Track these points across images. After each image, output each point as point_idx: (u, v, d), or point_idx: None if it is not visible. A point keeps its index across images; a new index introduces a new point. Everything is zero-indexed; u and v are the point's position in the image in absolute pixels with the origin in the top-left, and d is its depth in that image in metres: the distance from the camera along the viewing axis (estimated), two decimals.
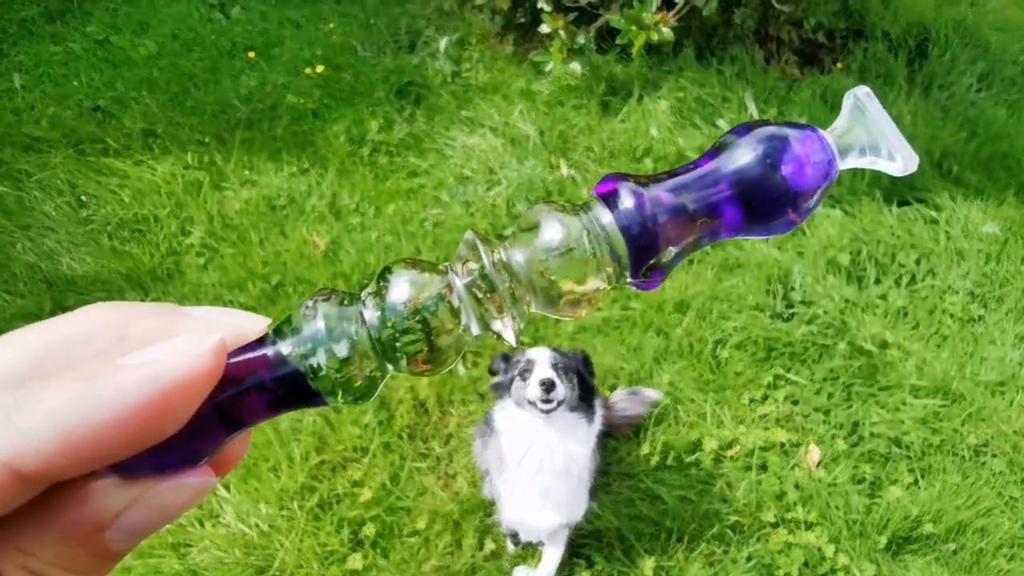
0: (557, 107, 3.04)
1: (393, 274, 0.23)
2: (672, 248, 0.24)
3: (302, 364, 0.22)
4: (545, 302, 0.24)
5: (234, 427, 0.22)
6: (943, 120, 3.23)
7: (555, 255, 0.23)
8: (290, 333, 0.22)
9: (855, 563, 2.01)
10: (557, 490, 1.65)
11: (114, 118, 2.88)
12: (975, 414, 2.31)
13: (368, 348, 0.22)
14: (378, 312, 0.22)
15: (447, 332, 0.23)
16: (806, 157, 0.24)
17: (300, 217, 2.65)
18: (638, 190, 0.24)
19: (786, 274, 2.58)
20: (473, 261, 0.24)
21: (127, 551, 0.20)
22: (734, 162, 0.24)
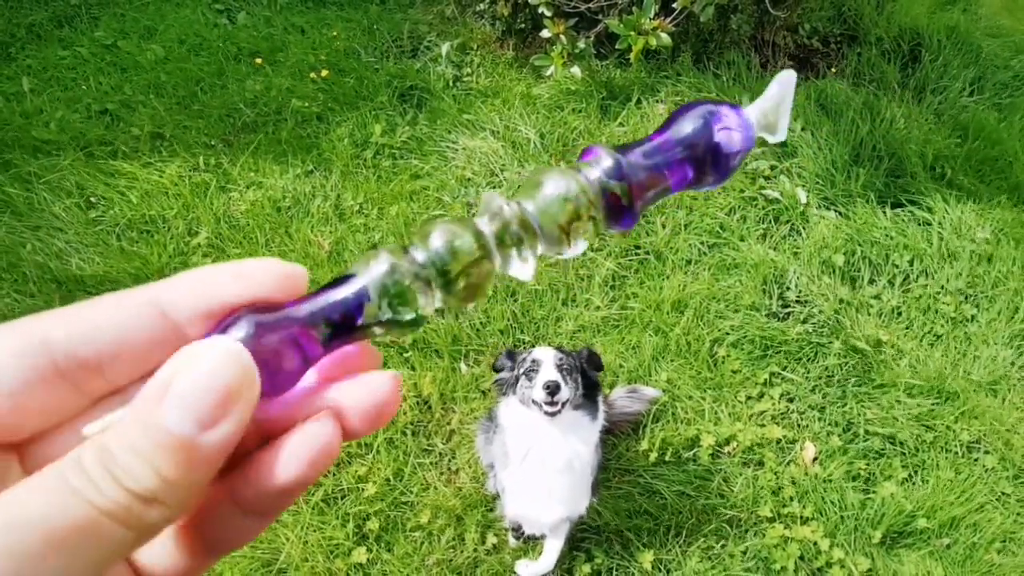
0: (557, 111, 3.09)
1: (434, 227, 0.29)
2: (643, 196, 0.31)
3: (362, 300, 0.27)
4: (551, 242, 0.30)
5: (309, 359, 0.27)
6: (936, 124, 3.29)
7: (557, 202, 0.30)
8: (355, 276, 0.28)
9: (850, 557, 2.05)
10: (560, 485, 1.68)
11: (122, 121, 2.93)
12: (968, 412, 2.36)
13: (418, 285, 0.28)
14: (425, 256, 0.28)
15: (479, 271, 0.29)
16: (734, 127, 0.31)
17: (305, 218, 2.69)
18: (615, 154, 0.30)
19: (782, 274, 2.63)
20: (494, 213, 0.30)
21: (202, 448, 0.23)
22: (683, 131, 0.31)
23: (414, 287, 0.27)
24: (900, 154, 2.97)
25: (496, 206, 0.30)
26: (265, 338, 0.25)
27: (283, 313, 0.26)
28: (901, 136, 3.03)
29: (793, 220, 2.79)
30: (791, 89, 0.32)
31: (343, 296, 0.27)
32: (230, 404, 0.23)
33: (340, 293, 0.27)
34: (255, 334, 0.25)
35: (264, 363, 0.25)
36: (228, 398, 0.23)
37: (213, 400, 0.23)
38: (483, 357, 2.37)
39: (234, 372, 0.24)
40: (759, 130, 0.32)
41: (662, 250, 2.66)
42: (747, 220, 2.78)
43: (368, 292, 0.27)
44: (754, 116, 0.32)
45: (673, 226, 2.71)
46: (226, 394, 0.23)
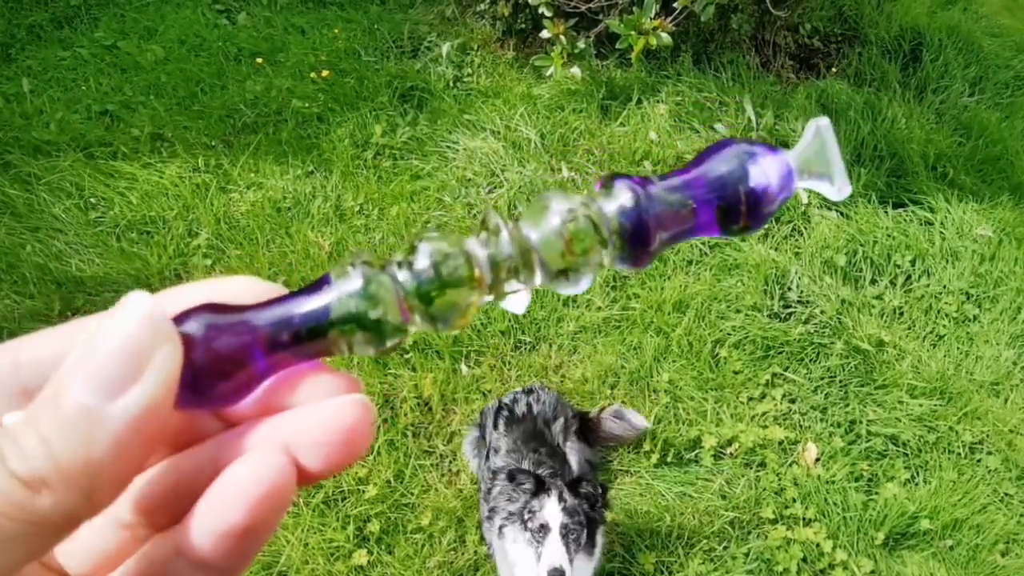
0: (557, 111, 3.09)
1: (421, 242, 0.26)
2: (659, 236, 0.28)
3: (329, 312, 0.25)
4: (550, 275, 0.28)
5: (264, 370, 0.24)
6: (937, 124, 3.28)
7: (561, 235, 0.27)
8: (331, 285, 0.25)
9: (853, 559, 2.05)
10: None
11: (122, 122, 2.93)
12: (970, 412, 2.35)
13: (395, 305, 0.25)
14: (407, 274, 0.25)
15: (465, 298, 0.26)
16: (771, 174, 0.28)
17: (305, 219, 2.69)
18: (634, 186, 0.28)
19: (783, 275, 2.62)
20: (492, 235, 0.27)
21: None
22: (713, 171, 0.28)
23: (388, 305, 0.25)
24: (901, 154, 2.96)
25: (494, 227, 0.27)
26: (217, 341, 0.23)
27: (241, 316, 0.24)
28: (902, 136, 3.03)
29: (794, 220, 2.79)
30: (831, 135, 0.29)
31: (311, 307, 0.24)
32: (139, 367, 0.20)
33: (308, 303, 0.24)
34: (205, 336, 0.23)
35: (214, 369, 0.23)
36: (136, 360, 0.20)
37: (118, 363, 0.20)
38: (484, 358, 2.36)
39: (143, 331, 0.21)
40: (803, 176, 0.29)
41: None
42: None
43: (337, 305, 0.24)
44: (795, 162, 0.29)
45: None
46: (133, 355, 0.20)
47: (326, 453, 0.23)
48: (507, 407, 2.04)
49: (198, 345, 0.23)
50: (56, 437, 0.19)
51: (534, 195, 2.72)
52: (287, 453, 0.22)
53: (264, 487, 0.21)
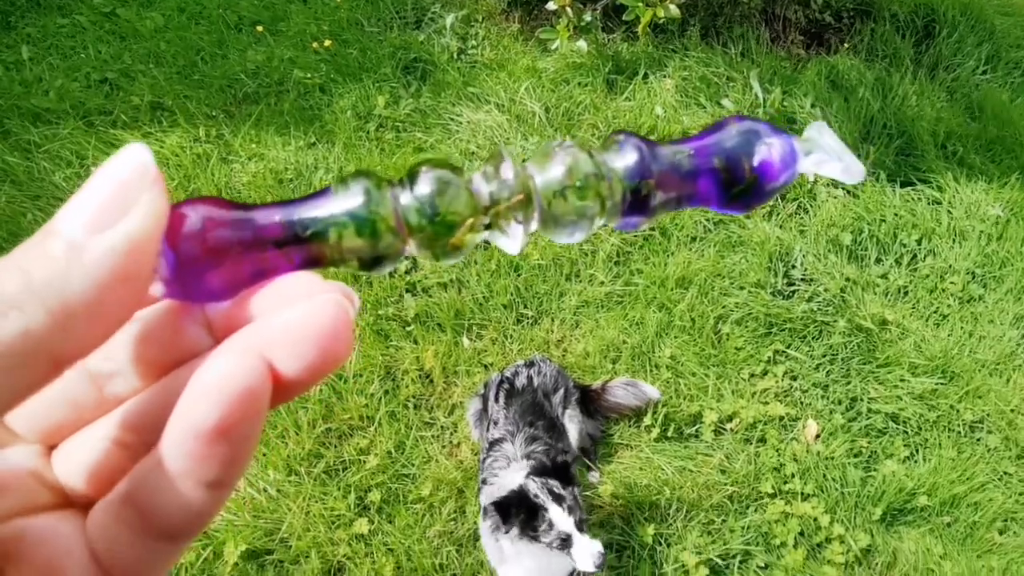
0: (563, 84, 3.04)
1: (425, 168, 0.26)
2: (658, 196, 0.28)
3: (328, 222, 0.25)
4: (547, 224, 0.28)
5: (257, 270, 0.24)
6: (948, 102, 3.24)
7: (564, 183, 0.27)
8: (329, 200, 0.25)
9: (850, 533, 2.06)
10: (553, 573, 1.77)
11: (122, 90, 2.89)
12: (972, 392, 2.35)
13: (393, 225, 0.25)
14: (408, 197, 0.25)
15: (463, 230, 0.26)
16: (778, 153, 0.28)
17: (307, 191, 2.66)
18: (641, 145, 0.28)
19: (787, 252, 2.60)
20: (496, 171, 0.27)
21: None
22: (721, 143, 0.28)
23: (387, 224, 0.25)
24: (911, 132, 2.92)
25: (501, 166, 0.27)
26: (212, 232, 0.23)
27: (240, 213, 0.24)
28: (912, 113, 2.99)
29: (800, 198, 2.76)
30: (828, 131, 0.30)
31: (308, 214, 0.24)
32: (125, 206, 0.20)
33: (306, 210, 0.24)
34: (202, 226, 0.23)
35: (206, 260, 0.23)
36: (123, 200, 0.20)
37: (106, 201, 0.20)
38: (486, 332, 2.36)
39: (133, 175, 0.21)
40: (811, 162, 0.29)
41: (667, 226, 2.63)
42: None
43: (336, 216, 0.24)
44: (800, 144, 0.29)
45: None
46: (121, 196, 0.21)
47: (299, 355, 0.22)
48: (508, 380, 2.04)
49: (193, 235, 0.23)
50: (36, 266, 0.19)
51: None
52: (260, 354, 0.21)
53: (232, 385, 0.20)
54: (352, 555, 1.95)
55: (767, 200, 0.29)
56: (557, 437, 1.92)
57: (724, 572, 1.98)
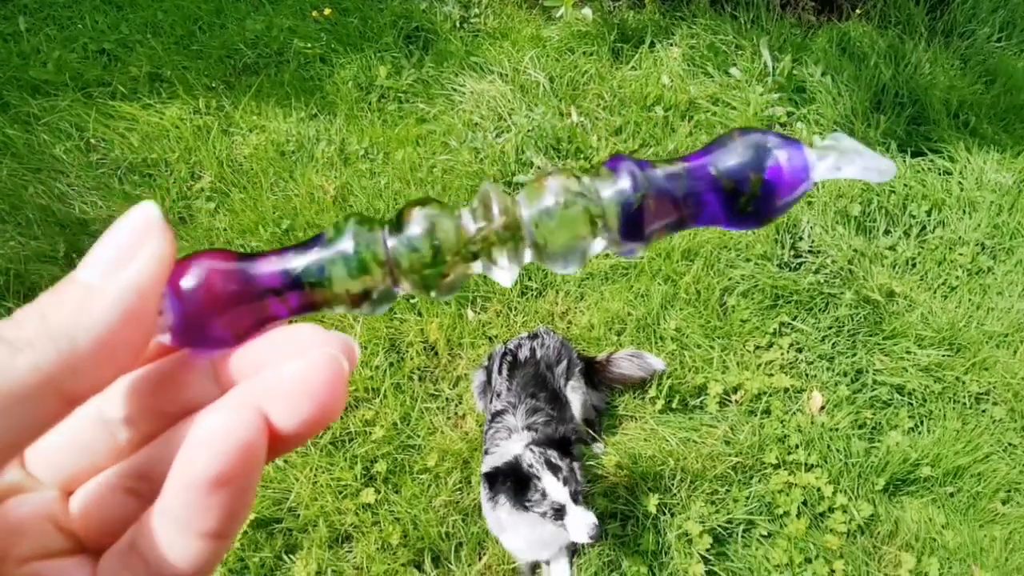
0: (567, 54, 2.99)
1: (414, 211, 0.26)
2: (655, 223, 0.27)
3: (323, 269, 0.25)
4: (540, 255, 0.27)
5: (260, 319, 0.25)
6: (962, 70, 3.17)
7: (554, 215, 0.26)
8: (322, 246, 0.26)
9: (853, 503, 2.07)
10: (556, 540, 1.79)
11: (120, 61, 2.86)
12: (979, 363, 2.34)
13: (384, 267, 0.26)
14: (396, 240, 0.26)
15: (453, 267, 0.26)
16: (787, 166, 0.27)
17: (309, 163, 2.64)
18: (635, 170, 0.27)
19: (794, 224, 2.58)
20: (485, 209, 0.27)
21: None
22: (723, 161, 0.27)
23: (377, 268, 0.26)
24: (923, 100, 2.87)
25: (489, 201, 0.27)
26: (216, 284, 0.24)
27: (239, 264, 0.25)
28: (925, 82, 2.92)
29: None
30: (846, 137, 0.28)
31: (303, 262, 0.25)
32: (132, 254, 0.22)
33: (302, 258, 0.25)
34: (206, 278, 0.24)
35: (210, 310, 0.24)
36: (130, 249, 0.23)
37: (115, 249, 0.23)
38: (490, 304, 2.35)
39: (140, 227, 0.23)
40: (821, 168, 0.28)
41: None
42: None
43: (330, 262, 0.25)
44: (813, 155, 0.27)
45: None
46: (128, 245, 0.23)
47: (295, 410, 0.23)
48: (511, 352, 2.04)
49: (198, 286, 0.24)
50: (52, 310, 0.21)
51: (541, 140, 2.67)
52: (257, 408, 0.22)
53: (229, 438, 0.21)
54: (359, 524, 1.97)
55: (781, 214, 0.28)
56: (560, 409, 1.93)
57: (727, 541, 2.00)
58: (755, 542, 2.00)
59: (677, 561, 1.94)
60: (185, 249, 2.40)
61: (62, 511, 0.25)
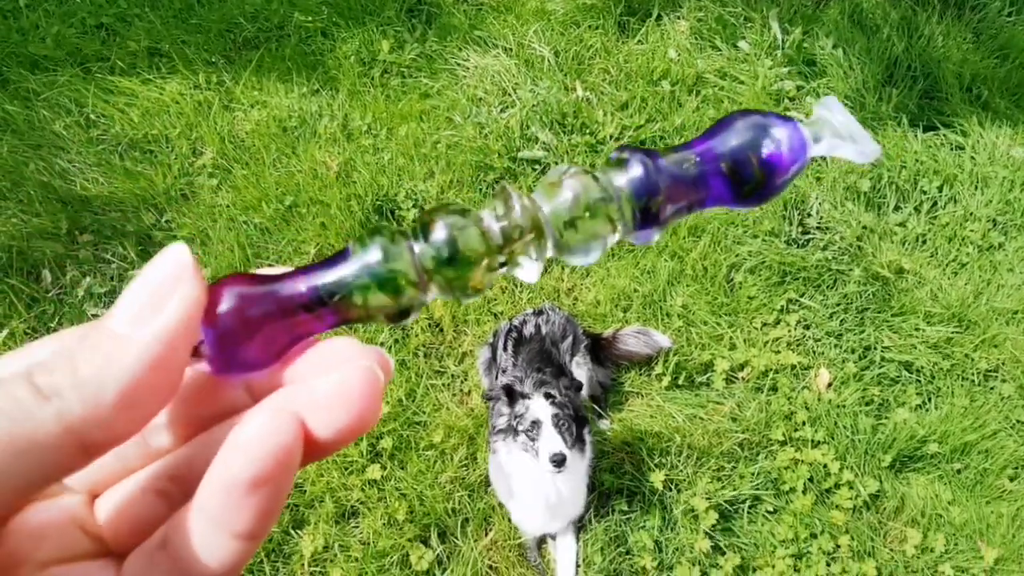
0: (573, 27, 2.93)
1: (437, 215, 0.27)
2: (668, 209, 0.29)
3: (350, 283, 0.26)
4: (561, 248, 0.28)
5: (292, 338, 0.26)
6: (974, 43, 3.10)
7: (572, 209, 0.28)
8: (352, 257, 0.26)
9: (859, 479, 2.07)
10: (562, 509, 1.82)
11: (118, 36, 2.81)
12: (988, 340, 2.32)
13: (413, 277, 0.26)
14: (423, 247, 0.26)
15: (479, 269, 0.27)
16: (785, 144, 0.28)
17: (312, 139, 2.61)
18: (645, 160, 0.28)
19: (803, 200, 2.54)
20: (505, 208, 0.28)
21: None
22: (726, 144, 0.28)
23: (407, 276, 0.26)
24: (936, 74, 2.81)
25: (508, 200, 0.28)
26: (249, 309, 0.24)
27: (270, 287, 0.25)
28: (938, 55, 2.87)
29: None
30: (839, 107, 0.30)
31: (331, 278, 0.26)
32: (162, 303, 0.22)
33: (329, 274, 0.26)
34: (239, 304, 0.24)
35: (245, 335, 0.24)
36: (160, 297, 0.22)
37: (145, 298, 0.22)
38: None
39: (171, 274, 0.23)
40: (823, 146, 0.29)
41: None
42: None
43: (358, 275, 0.26)
44: (809, 134, 0.29)
45: None
46: (158, 294, 0.22)
47: (332, 419, 0.23)
48: (516, 328, 2.03)
49: (230, 312, 0.24)
50: (82, 358, 0.21)
51: (546, 115, 2.63)
52: (296, 415, 0.23)
53: (268, 442, 0.22)
54: (365, 500, 1.97)
55: (782, 191, 0.29)
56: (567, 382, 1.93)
57: (733, 517, 2.00)
58: (761, 518, 2.00)
59: (683, 536, 1.94)
60: (188, 226, 2.38)
61: (87, 514, 0.25)
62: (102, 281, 2.28)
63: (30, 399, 0.20)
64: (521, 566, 1.93)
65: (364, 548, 1.91)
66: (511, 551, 1.95)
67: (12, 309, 2.18)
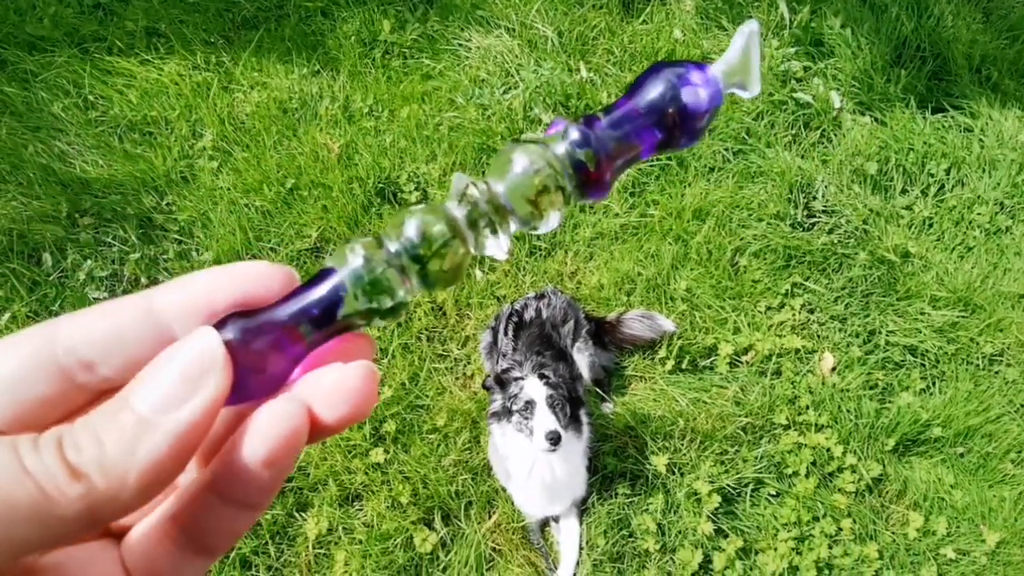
0: (576, 7, 2.89)
1: (406, 216, 0.29)
2: (611, 168, 0.31)
3: (340, 294, 0.27)
4: (524, 219, 0.30)
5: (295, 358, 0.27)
6: (984, 24, 3.05)
7: (526, 180, 0.29)
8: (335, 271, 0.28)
9: (862, 463, 2.07)
10: (561, 490, 1.82)
11: (115, 15, 2.77)
12: (993, 324, 2.31)
13: (393, 274, 0.28)
14: (398, 245, 0.28)
15: (453, 254, 0.29)
16: (700, 85, 0.31)
17: (313, 120, 2.58)
18: (582, 127, 0.30)
19: (809, 183, 2.52)
20: (464, 196, 0.30)
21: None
22: (648, 96, 0.30)
23: (389, 276, 0.28)
24: (945, 55, 2.77)
25: (464, 187, 0.30)
26: (252, 343, 0.26)
27: (265, 316, 0.27)
28: (948, 35, 2.82)
29: (824, 126, 2.65)
30: (756, 40, 0.32)
31: (321, 293, 0.27)
32: (193, 390, 0.23)
33: (318, 291, 0.27)
34: (242, 339, 0.26)
35: (253, 367, 0.26)
36: (191, 384, 0.23)
37: (175, 384, 0.23)
38: (498, 263, 2.32)
39: (202, 360, 0.24)
40: (729, 86, 0.32)
41: (684, 156, 2.54)
42: (775, 126, 2.63)
43: (344, 285, 0.27)
44: (720, 72, 0.31)
45: None
46: (189, 380, 0.23)
47: (335, 407, 0.26)
48: (517, 312, 2.02)
49: (238, 349, 0.25)
50: (109, 437, 0.22)
51: (549, 96, 2.60)
52: (303, 403, 0.25)
53: (282, 425, 0.24)
54: (369, 483, 1.98)
55: (703, 134, 0.32)
56: (566, 368, 1.92)
57: (736, 500, 2.00)
58: (763, 501, 2.01)
59: (686, 520, 1.94)
60: (189, 209, 2.36)
61: None
62: (103, 264, 2.27)
63: (62, 477, 0.21)
64: (524, 548, 1.94)
65: (368, 531, 1.92)
66: (514, 534, 1.95)
67: (14, 292, 2.17)
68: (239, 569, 1.87)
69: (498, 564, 1.92)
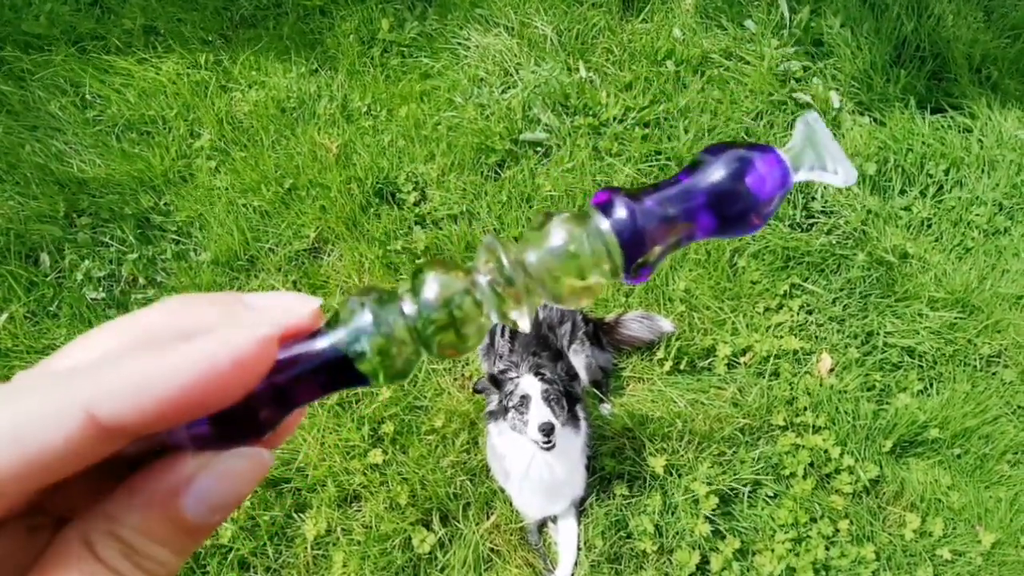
0: (576, 6, 2.87)
1: (425, 274, 0.27)
2: (657, 248, 0.29)
3: (349, 351, 0.26)
4: (552, 295, 0.28)
5: (288, 406, 0.26)
6: (985, 23, 3.04)
7: (561, 257, 0.28)
8: (340, 325, 0.26)
9: (860, 464, 2.07)
10: (559, 489, 1.82)
11: (112, 13, 2.76)
12: (991, 326, 2.31)
13: (406, 336, 0.26)
14: (415, 306, 0.26)
15: (471, 321, 0.27)
16: (766, 173, 0.29)
17: (311, 120, 2.58)
18: (629, 202, 0.28)
19: (807, 184, 2.51)
20: (492, 261, 0.28)
21: (207, 526, 0.24)
22: (708, 178, 0.28)
23: (399, 340, 0.26)
24: (945, 55, 2.76)
25: (494, 256, 0.28)
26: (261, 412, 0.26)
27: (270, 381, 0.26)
28: (948, 35, 2.81)
29: None
30: (820, 126, 0.30)
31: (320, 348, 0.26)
32: (238, 500, 0.25)
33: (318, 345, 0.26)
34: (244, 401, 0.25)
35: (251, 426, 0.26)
36: (237, 497, 0.25)
37: (225, 497, 0.25)
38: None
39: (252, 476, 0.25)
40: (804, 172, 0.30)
41: (684, 156, 2.54)
42: (775, 126, 2.63)
43: (348, 344, 0.26)
44: (789, 159, 0.30)
45: (696, 131, 2.58)
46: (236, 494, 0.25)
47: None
48: None
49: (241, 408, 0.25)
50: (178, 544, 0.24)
51: (549, 96, 2.59)
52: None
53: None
54: (367, 484, 1.98)
55: (768, 219, 0.30)
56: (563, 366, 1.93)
57: (733, 501, 2.01)
58: (761, 502, 2.01)
59: (683, 521, 1.95)
60: (187, 209, 2.36)
61: None
62: (101, 264, 2.27)
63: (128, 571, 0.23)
64: (523, 549, 1.95)
65: (366, 531, 1.92)
66: (513, 534, 1.96)
67: (11, 293, 2.17)
68: (237, 570, 1.87)
69: (496, 565, 1.92)
